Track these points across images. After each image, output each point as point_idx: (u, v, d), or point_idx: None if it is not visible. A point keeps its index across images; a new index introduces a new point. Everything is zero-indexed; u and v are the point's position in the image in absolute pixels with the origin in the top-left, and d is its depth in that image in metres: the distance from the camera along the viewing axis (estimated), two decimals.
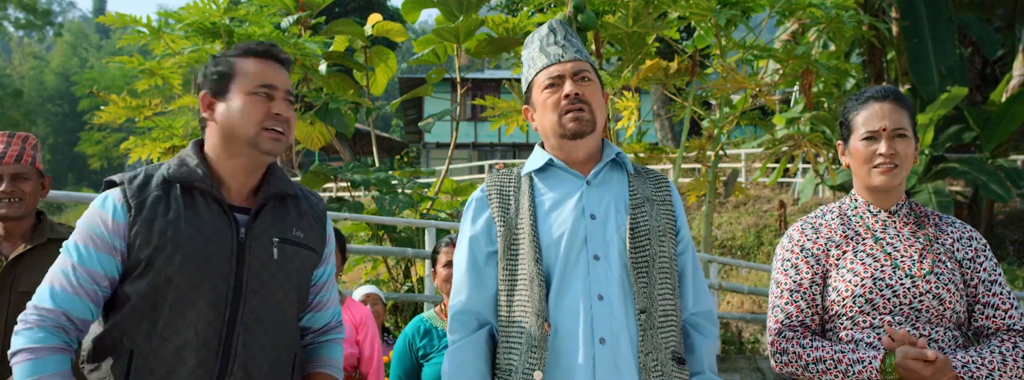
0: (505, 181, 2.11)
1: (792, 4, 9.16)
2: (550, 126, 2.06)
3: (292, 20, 8.63)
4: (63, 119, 48.75)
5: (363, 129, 19.39)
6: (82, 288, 1.77)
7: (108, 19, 7.54)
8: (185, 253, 1.77)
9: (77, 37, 55.85)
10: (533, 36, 2.16)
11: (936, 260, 2.09)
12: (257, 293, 1.83)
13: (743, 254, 15.18)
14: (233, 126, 1.85)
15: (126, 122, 7.98)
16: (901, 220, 2.16)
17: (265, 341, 1.83)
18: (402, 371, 3.16)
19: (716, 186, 10.26)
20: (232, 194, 1.89)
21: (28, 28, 48.47)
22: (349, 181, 8.43)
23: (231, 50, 1.92)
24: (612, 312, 1.94)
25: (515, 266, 2.00)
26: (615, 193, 2.06)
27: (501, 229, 2.03)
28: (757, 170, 14.54)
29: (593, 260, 1.97)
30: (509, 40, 8.94)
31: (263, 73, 1.88)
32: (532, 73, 2.12)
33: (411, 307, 8.39)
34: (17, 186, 2.68)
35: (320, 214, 2.03)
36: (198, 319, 1.77)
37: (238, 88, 1.86)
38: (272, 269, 1.86)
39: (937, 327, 2.04)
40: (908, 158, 2.12)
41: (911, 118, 2.16)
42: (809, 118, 11.31)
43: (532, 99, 2.12)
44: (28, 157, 2.73)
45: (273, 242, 1.87)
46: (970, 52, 14.83)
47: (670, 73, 9.46)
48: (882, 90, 2.19)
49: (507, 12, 18.99)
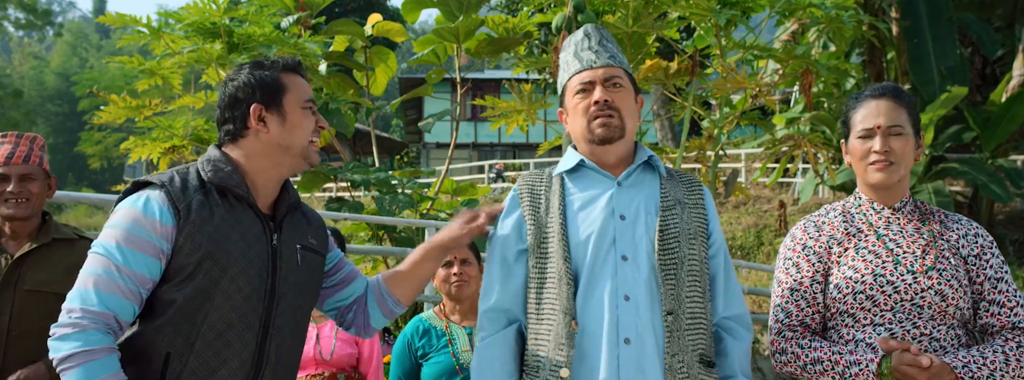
0: (536, 180, 2.15)
1: (792, 4, 9.16)
2: (580, 131, 2.12)
3: (292, 20, 8.63)
4: (63, 119, 48.75)
5: (363, 129, 19.40)
6: (129, 291, 1.77)
7: (108, 19, 7.54)
8: (233, 258, 1.82)
9: (77, 37, 55.84)
10: (570, 39, 2.19)
11: (939, 256, 2.07)
12: (286, 298, 1.91)
13: (743, 254, 15.18)
14: (290, 138, 1.94)
15: (126, 122, 7.98)
16: (905, 217, 2.15)
17: (289, 344, 1.92)
18: (401, 371, 3.17)
19: (716, 186, 10.26)
20: (260, 203, 1.95)
21: (28, 28, 48.47)
22: (349, 181, 8.43)
23: (265, 65, 1.99)
24: (638, 313, 1.96)
25: (545, 264, 2.03)
26: (646, 195, 2.09)
27: (532, 227, 2.06)
28: (757, 170, 14.54)
29: (621, 260, 2.00)
30: (509, 40, 8.94)
31: (306, 88, 2.00)
32: (565, 77, 2.16)
33: (410, 307, 8.39)
34: (25, 186, 2.70)
35: (321, 222, 2.14)
36: (241, 322, 1.82)
37: (291, 102, 1.95)
38: (297, 275, 1.94)
39: (940, 324, 2.02)
40: (905, 155, 2.11)
41: (911, 115, 2.14)
42: (809, 118, 11.31)
43: (565, 103, 2.17)
44: (36, 158, 2.75)
45: (297, 249, 1.96)
46: (970, 52, 14.83)
47: (670, 73, 9.45)
48: (880, 87, 2.18)
49: (507, 12, 18.99)
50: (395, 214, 7.81)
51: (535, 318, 2.02)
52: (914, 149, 2.15)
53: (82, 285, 1.77)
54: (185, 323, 1.79)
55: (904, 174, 2.13)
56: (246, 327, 1.83)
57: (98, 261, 1.78)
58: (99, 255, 1.79)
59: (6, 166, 2.69)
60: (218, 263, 1.80)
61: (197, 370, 1.77)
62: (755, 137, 16.38)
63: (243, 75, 1.97)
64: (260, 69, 1.97)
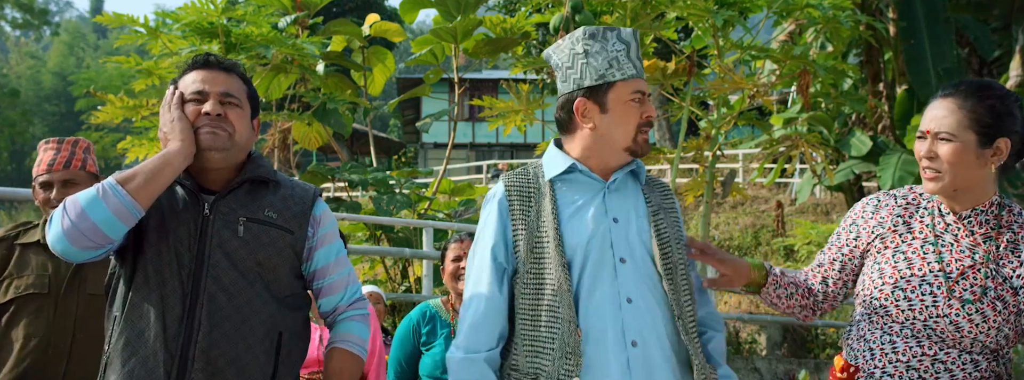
0: (523, 182, 2.09)
1: (789, 4, 9.17)
2: (623, 136, 2.06)
3: (289, 20, 8.63)
4: (60, 119, 48.69)
5: (361, 129, 19.38)
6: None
7: (105, 19, 7.53)
8: (151, 227, 1.95)
9: (74, 37, 55.77)
10: (606, 33, 2.08)
11: (974, 284, 1.89)
12: (219, 266, 1.95)
13: (741, 254, 15.20)
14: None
15: (123, 122, 7.97)
16: (966, 229, 1.94)
17: (230, 311, 1.94)
18: (402, 354, 3.15)
19: (714, 186, 10.27)
20: (209, 181, 2.04)
21: (25, 28, 48.40)
22: (347, 181, 8.43)
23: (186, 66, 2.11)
24: (642, 315, 1.96)
25: (540, 270, 1.99)
26: (633, 200, 2.10)
27: (524, 233, 2.02)
28: (755, 170, 14.55)
29: (620, 263, 2.00)
30: (507, 40, 8.94)
31: (197, 81, 2.06)
32: (615, 75, 2.05)
33: (409, 307, 8.39)
34: (67, 192, 2.66)
35: (304, 198, 2.13)
36: (162, 286, 1.92)
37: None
38: (234, 245, 1.98)
39: (950, 349, 1.90)
40: (955, 163, 1.89)
41: (983, 117, 1.89)
42: (806, 118, 11.31)
43: (605, 99, 2.05)
44: (77, 162, 2.73)
45: (240, 220, 2.00)
46: (967, 53, 14.84)
47: (668, 73, 9.45)
48: (953, 85, 1.98)
49: (505, 12, 18.99)
50: (392, 214, 7.81)
51: (530, 326, 1.97)
52: (977, 156, 1.90)
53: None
54: (123, 287, 1.98)
55: (962, 183, 1.91)
56: (169, 291, 1.92)
57: None
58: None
59: (49, 173, 2.69)
60: (145, 234, 1.95)
61: (126, 332, 1.92)
62: (752, 137, 16.39)
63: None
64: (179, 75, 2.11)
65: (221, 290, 1.94)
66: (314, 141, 9.14)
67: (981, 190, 1.94)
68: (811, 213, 16.60)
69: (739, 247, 15.47)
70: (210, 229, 1.97)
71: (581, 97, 2.06)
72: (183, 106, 2.01)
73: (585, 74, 2.06)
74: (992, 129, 1.89)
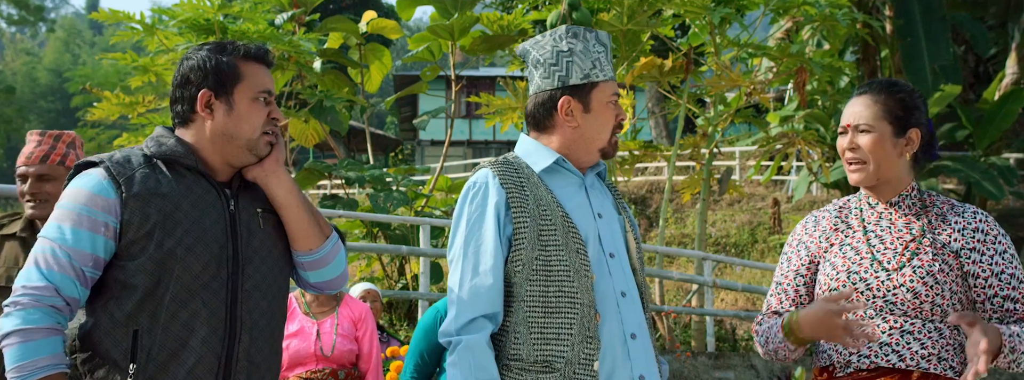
0: (510, 171, 2.05)
1: (786, 2, 9.18)
2: (600, 137, 2.09)
3: (286, 17, 8.61)
4: (56, 116, 48.58)
5: (357, 126, 19.34)
6: (69, 266, 1.76)
7: (101, 15, 7.52)
8: (185, 227, 1.80)
9: (70, 33, 55.64)
10: (586, 33, 2.09)
11: (919, 252, 2.05)
12: (252, 262, 1.87)
13: (737, 251, 15.22)
14: (236, 129, 1.88)
15: (119, 119, 7.97)
16: (898, 211, 2.12)
17: (264, 306, 1.89)
18: (425, 346, 2.85)
19: (710, 184, 10.28)
20: (215, 172, 1.91)
21: (21, 24, 48.31)
22: (343, 178, 8.42)
23: (228, 48, 1.92)
24: (635, 308, 2.02)
25: (549, 256, 1.96)
26: (604, 197, 2.14)
27: (528, 221, 1.97)
28: (751, 168, 14.56)
29: (610, 258, 2.03)
30: (504, 37, 8.94)
31: (264, 79, 1.92)
32: (599, 75, 2.07)
33: (405, 305, 8.38)
34: (40, 187, 2.66)
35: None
36: (204, 290, 1.80)
37: (243, 92, 1.89)
38: (261, 238, 1.91)
39: (913, 319, 2.02)
40: (876, 153, 2.07)
41: (894, 110, 2.09)
42: (803, 116, 11.33)
43: (588, 99, 2.07)
44: (56, 156, 2.70)
45: (257, 213, 1.92)
46: (963, 50, 14.87)
47: (665, 71, 9.46)
48: (865, 84, 2.19)
49: (502, 9, 18.97)
50: (389, 211, 7.81)
51: (541, 313, 1.94)
52: (893, 145, 2.08)
53: (27, 265, 1.78)
54: (148, 298, 1.78)
55: (885, 172, 2.09)
56: (211, 294, 1.80)
57: (42, 242, 1.79)
58: (43, 237, 1.80)
59: (25, 166, 2.68)
60: (170, 233, 1.78)
61: (166, 343, 1.76)
62: (749, 135, 16.40)
63: (199, 56, 1.89)
64: (220, 53, 1.89)
65: (255, 287, 1.87)
66: (311, 138, 9.13)
67: (901, 179, 2.13)
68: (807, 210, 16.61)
69: (735, 244, 15.49)
70: (239, 226, 1.88)
71: (566, 95, 2.06)
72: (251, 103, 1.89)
73: (571, 72, 2.06)
74: (904, 120, 2.10)
